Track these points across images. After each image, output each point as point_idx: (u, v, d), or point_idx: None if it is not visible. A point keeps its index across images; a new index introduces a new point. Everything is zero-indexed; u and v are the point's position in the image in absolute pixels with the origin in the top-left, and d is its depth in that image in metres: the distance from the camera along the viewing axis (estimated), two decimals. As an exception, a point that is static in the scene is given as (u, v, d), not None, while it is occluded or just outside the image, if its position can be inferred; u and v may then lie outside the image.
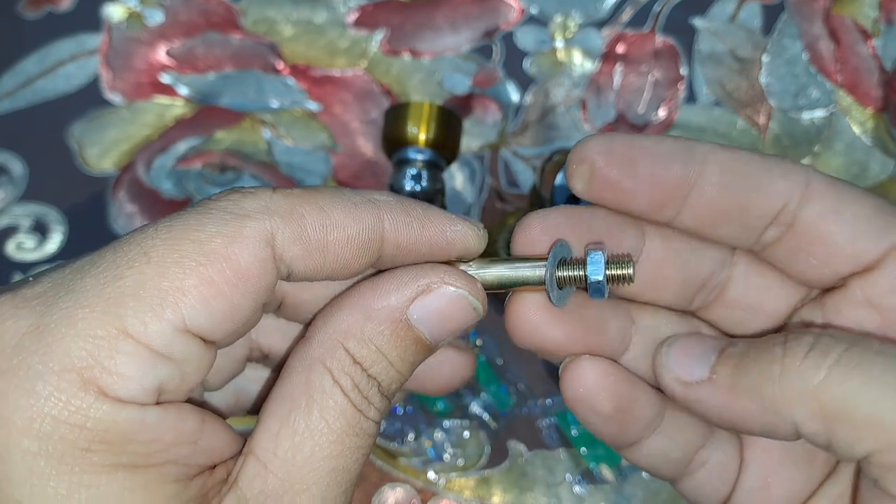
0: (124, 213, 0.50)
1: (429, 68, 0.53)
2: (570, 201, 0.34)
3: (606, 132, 0.48)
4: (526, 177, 0.51)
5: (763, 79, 0.53)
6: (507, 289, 0.24)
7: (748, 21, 0.54)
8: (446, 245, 0.23)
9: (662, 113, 0.52)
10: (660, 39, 0.54)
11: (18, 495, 0.19)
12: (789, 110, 0.52)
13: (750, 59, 0.53)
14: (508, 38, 0.54)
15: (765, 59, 0.53)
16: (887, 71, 0.52)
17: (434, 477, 0.44)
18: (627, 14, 0.55)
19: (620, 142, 0.23)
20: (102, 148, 0.52)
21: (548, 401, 0.46)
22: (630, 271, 0.23)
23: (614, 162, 0.23)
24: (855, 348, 0.21)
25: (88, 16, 0.55)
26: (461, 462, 0.45)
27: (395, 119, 0.40)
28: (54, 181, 0.51)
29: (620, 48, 0.54)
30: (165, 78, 0.53)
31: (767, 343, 0.22)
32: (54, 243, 0.49)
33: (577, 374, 0.24)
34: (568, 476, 0.44)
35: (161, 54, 0.54)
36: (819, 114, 0.52)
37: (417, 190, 0.39)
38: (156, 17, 0.55)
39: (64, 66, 0.54)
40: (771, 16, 0.54)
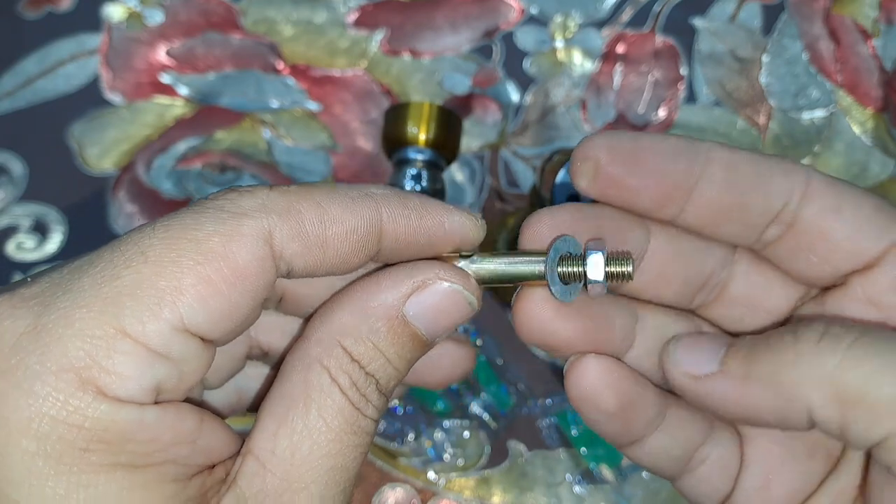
0: (124, 213, 0.50)
1: (429, 68, 0.53)
2: (570, 201, 0.34)
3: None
4: (526, 177, 0.50)
5: (763, 79, 0.53)
6: (510, 283, 0.24)
7: (748, 21, 0.54)
8: (445, 235, 0.23)
9: (662, 113, 0.52)
10: (660, 39, 0.54)
11: (17, 495, 0.19)
12: (789, 110, 0.52)
13: (750, 59, 0.53)
14: (508, 38, 0.54)
15: (765, 59, 0.53)
16: (887, 71, 0.52)
17: (434, 477, 0.44)
18: (627, 14, 0.55)
19: (625, 139, 0.23)
20: (102, 148, 0.52)
21: (548, 401, 0.46)
22: (629, 269, 0.22)
23: (619, 159, 0.23)
24: (866, 335, 0.21)
25: (88, 16, 0.55)
26: (461, 462, 0.45)
27: (395, 119, 0.40)
28: (54, 181, 0.51)
29: (620, 48, 0.54)
30: (165, 78, 0.53)
31: (777, 333, 0.22)
32: (54, 243, 0.49)
33: (582, 373, 0.24)
34: (568, 476, 0.44)
35: (161, 54, 0.54)
36: (819, 114, 0.52)
37: (417, 190, 0.39)
38: (156, 17, 0.55)
39: (64, 66, 0.54)
40: (771, 16, 0.54)
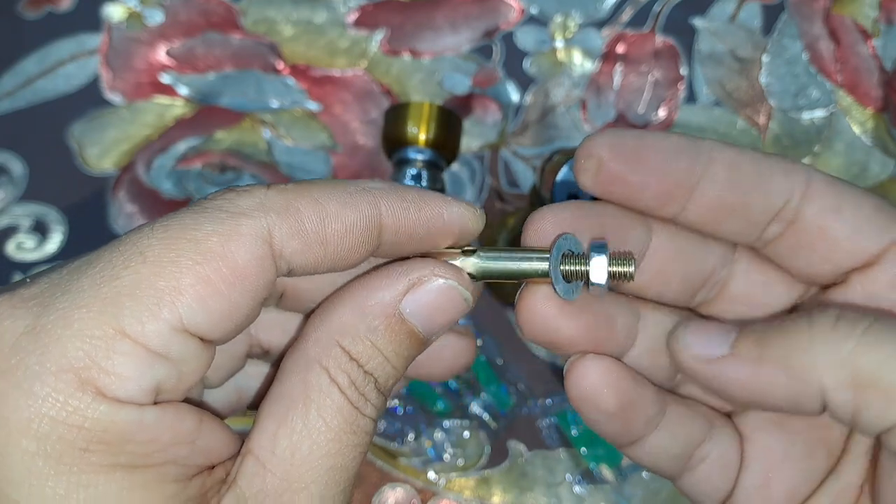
0: (124, 213, 0.50)
1: (429, 68, 0.53)
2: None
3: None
4: (526, 177, 0.50)
5: (763, 79, 0.53)
6: (513, 280, 0.24)
7: (748, 21, 0.54)
8: (444, 227, 0.23)
9: (662, 113, 0.52)
10: (660, 39, 0.54)
11: (17, 495, 0.19)
12: (789, 110, 0.52)
13: (750, 59, 0.53)
14: (508, 38, 0.54)
15: (765, 59, 0.53)
16: (887, 71, 0.52)
17: (434, 477, 0.44)
18: (627, 14, 0.55)
19: (628, 137, 0.23)
20: (102, 148, 0.52)
21: (548, 401, 0.46)
22: (631, 269, 0.23)
23: (622, 157, 0.23)
24: (880, 321, 0.21)
25: (88, 16, 0.55)
26: (461, 462, 0.45)
27: (395, 119, 0.40)
28: (54, 181, 0.51)
29: (620, 48, 0.54)
30: (165, 78, 0.53)
31: (790, 318, 0.22)
32: (54, 243, 0.49)
33: (582, 373, 0.24)
34: (568, 476, 0.44)
35: (161, 54, 0.54)
36: (819, 114, 0.52)
37: (417, 190, 0.39)
38: (156, 17, 0.55)
39: (64, 66, 0.54)
40: (771, 16, 0.54)
